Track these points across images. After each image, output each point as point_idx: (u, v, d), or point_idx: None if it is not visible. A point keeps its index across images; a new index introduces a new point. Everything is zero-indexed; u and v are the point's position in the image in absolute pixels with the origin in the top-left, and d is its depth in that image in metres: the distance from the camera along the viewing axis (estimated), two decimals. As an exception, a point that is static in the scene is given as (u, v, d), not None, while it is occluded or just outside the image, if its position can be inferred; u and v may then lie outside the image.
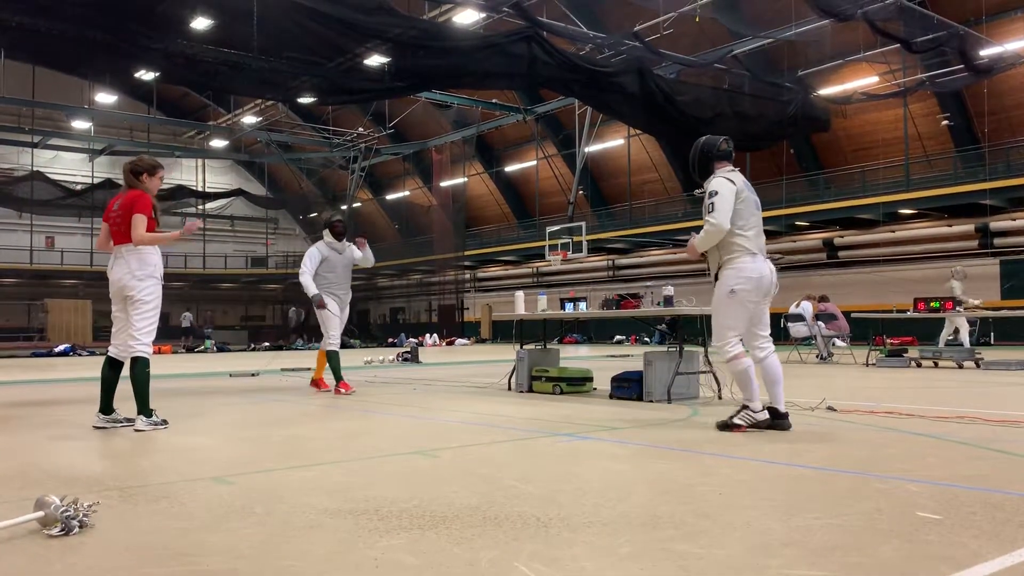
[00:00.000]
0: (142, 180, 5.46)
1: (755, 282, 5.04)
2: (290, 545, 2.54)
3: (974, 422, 5.39)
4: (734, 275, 5.05)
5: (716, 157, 5.25)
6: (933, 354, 12.65)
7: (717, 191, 5.05)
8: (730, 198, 5.04)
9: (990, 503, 3.00)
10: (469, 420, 6.07)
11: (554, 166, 35.30)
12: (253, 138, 38.29)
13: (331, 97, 17.24)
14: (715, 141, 5.29)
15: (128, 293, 5.30)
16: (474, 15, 19.95)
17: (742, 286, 5.02)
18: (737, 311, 5.06)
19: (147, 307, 5.31)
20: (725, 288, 5.06)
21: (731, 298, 5.04)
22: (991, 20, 22.19)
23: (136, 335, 5.29)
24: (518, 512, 2.92)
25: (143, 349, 5.31)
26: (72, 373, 13.20)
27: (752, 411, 5.06)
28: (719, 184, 5.10)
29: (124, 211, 5.32)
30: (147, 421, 5.31)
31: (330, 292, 8.28)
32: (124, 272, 5.31)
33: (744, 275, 5.03)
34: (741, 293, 5.03)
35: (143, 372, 5.29)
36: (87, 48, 9.96)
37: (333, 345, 8.31)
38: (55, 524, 2.65)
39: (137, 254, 5.31)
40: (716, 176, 5.18)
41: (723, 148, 5.26)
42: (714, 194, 5.05)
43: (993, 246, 23.68)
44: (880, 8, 16.12)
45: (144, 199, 5.33)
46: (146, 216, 5.27)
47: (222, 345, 29.61)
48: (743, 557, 2.36)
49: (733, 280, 5.04)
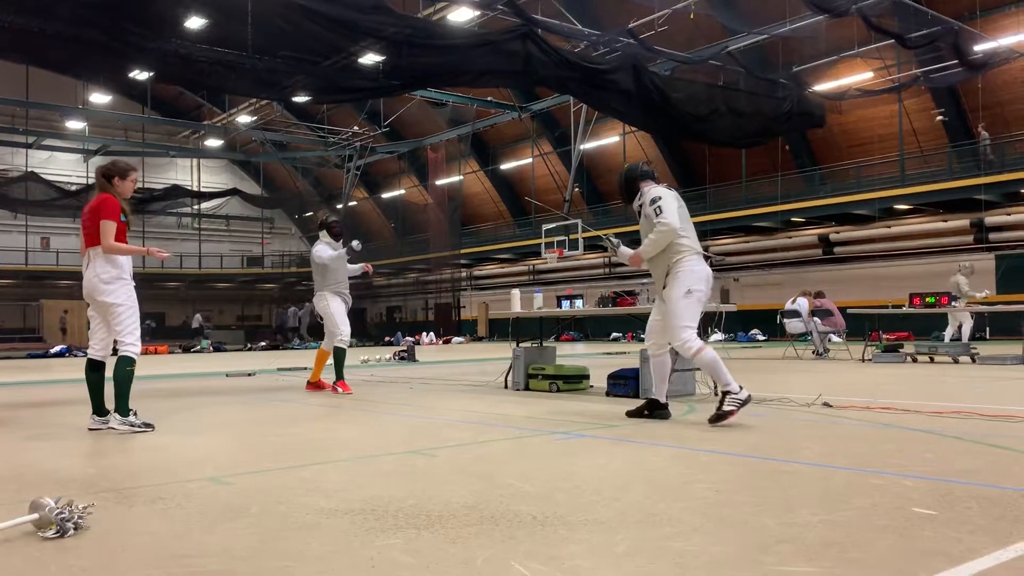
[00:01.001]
0: (113, 184, 5.43)
1: (707, 282, 5.32)
2: (287, 545, 2.54)
3: (970, 417, 5.40)
4: (689, 276, 5.25)
5: (640, 177, 5.57)
6: (929, 349, 12.68)
7: (660, 196, 5.31)
8: (673, 203, 5.30)
9: (985, 498, 3.01)
10: (466, 419, 6.07)
11: (550, 163, 35.31)
12: (248, 137, 38.25)
13: (326, 96, 17.24)
14: (637, 164, 5.74)
15: (97, 297, 5.31)
16: (469, 13, 19.94)
17: (698, 286, 5.25)
18: (695, 309, 5.28)
19: (121, 308, 5.30)
20: (682, 289, 5.23)
21: (688, 298, 5.23)
22: (985, 15, 22.22)
23: (120, 337, 5.32)
24: (514, 511, 2.92)
25: (128, 349, 5.31)
26: (68, 374, 13.18)
27: (733, 393, 5.18)
28: (659, 191, 5.38)
29: (91, 215, 5.32)
30: (121, 420, 5.28)
31: (337, 292, 8.19)
32: (92, 275, 5.32)
33: (698, 275, 5.27)
34: (697, 293, 5.25)
35: (124, 370, 5.29)
36: (81, 48, 9.93)
37: (343, 342, 8.12)
38: (50, 526, 2.64)
39: (103, 257, 5.31)
40: (652, 188, 5.45)
41: (644, 169, 5.63)
42: (658, 199, 5.30)
43: (988, 241, 23.74)
44: (875, 3, 16.15)
45: (110, 203, 5.31)
46: (114, 221, 5.26)
47: (218, 345, 29.58)
48: (739, 553, 2.37)
49: (689, 280, 5.24)
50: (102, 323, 5.43)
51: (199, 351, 27.29)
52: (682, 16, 19.54)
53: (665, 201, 5.26)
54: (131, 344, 5.32)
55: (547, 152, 35.16)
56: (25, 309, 38.02)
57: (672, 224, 5.19)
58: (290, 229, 50.29)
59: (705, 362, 5.23)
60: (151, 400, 7.78)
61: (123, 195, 5.49)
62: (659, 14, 19.60)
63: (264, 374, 12.33)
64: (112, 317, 5.32)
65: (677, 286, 5.24)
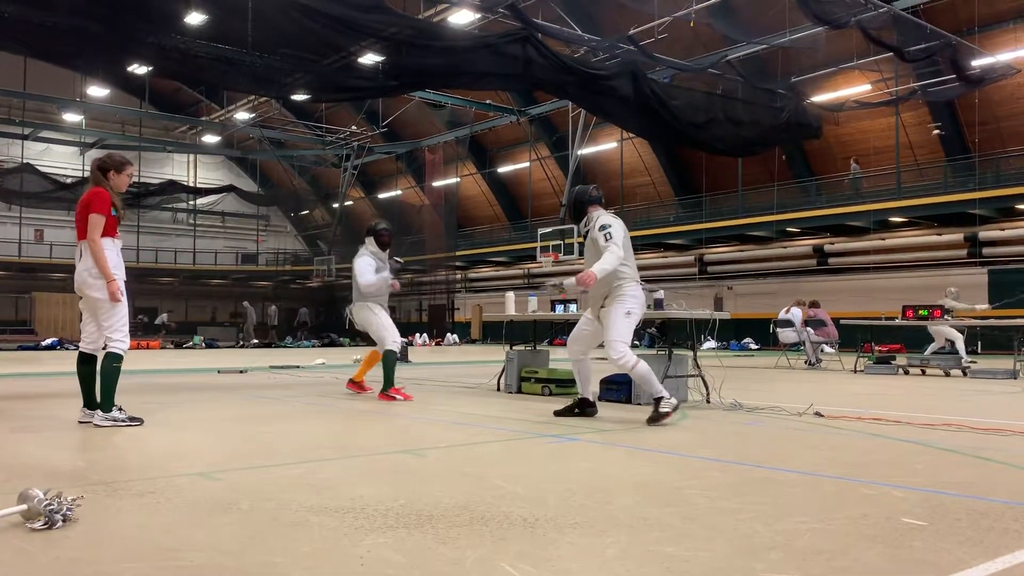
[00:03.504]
0: (108, 177, 5.36)
1: (642, 306, 5.95)
2: (275, 542, 2.53)
3: (960, 429, 5.42)
4: (630, 299, 5.80)
5: (590, 201, 6.04)
6: (921, 361, 12.71)
7: (611, 224, 5.80)
8: (620, 232, 5.79)
9: (975, 510, 3.02)
10: (457, 420, 6.06)
11: (547, 168, 35.31)
12: (246, 134, 38.14)
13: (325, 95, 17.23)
14: (587, 188, 6.16)
15: (86, 291, 5.27)
16: (469, 15, 19.94)
17: (636, 309, 5.83)
18: (630, 327, 5.86)
19: (107, 303, 5.22)
20: (623, 310, 5.78)
21: (627, 318, 5.78)
22: (983, 30, 22.32)
23: (108, 333, 5.25)
24: (505, 512, 2.92)
25: (115, 345, 5.24)
26: (59, 367, 13.12)
27: (667, 398, 5.70)
28: (611, 219, 5.88)
29: (82, 208, 5.27)
30: (104, 416, 5.22)
31: (378, 302, 7.76)
32: (82, 269, 5.27)
33: (638, 300, 5.87)
34: (634, 315, 5.83)
35: (110, 366, 5.22)
36: (79, 40, 9.89)
37: (396, 344, 7.65)
38: (38, 518, 2.63)
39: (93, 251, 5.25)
40: (601, 214, 5.93)
41: (594, 194, 6.09)
42: (608, 226, 5.77)
43: (982, 255, 23.82)
44: (874, 16, 16.20)
45: (101, 196, 5.24)
46: (104, 215, 5.19)
47: (211, 341, 29.52)
48: (729, 559, 2.37)
49: (630, 303, 5.80)
50: (92, 317, 5.38)
51: (191, 347, 27.22)
52: (682, 24, 19.54)
53: (615, 229, 5.77)
54: (119, 340, 5.25)
55: (544, 156, 35.17)
56: (17, 301, 37.87)
57: (620, 252, 5.68)
58: (285, 227, 50.17)
59: (639, 373, 5.74)
60: (142, 395, 7.75)
61: (117, 189, 5.43)
62: (659, 21, 19.60)
63: (256, 371, 12.30)
64: (100, 312, 5.26)
65: (618, 307, 5.77)
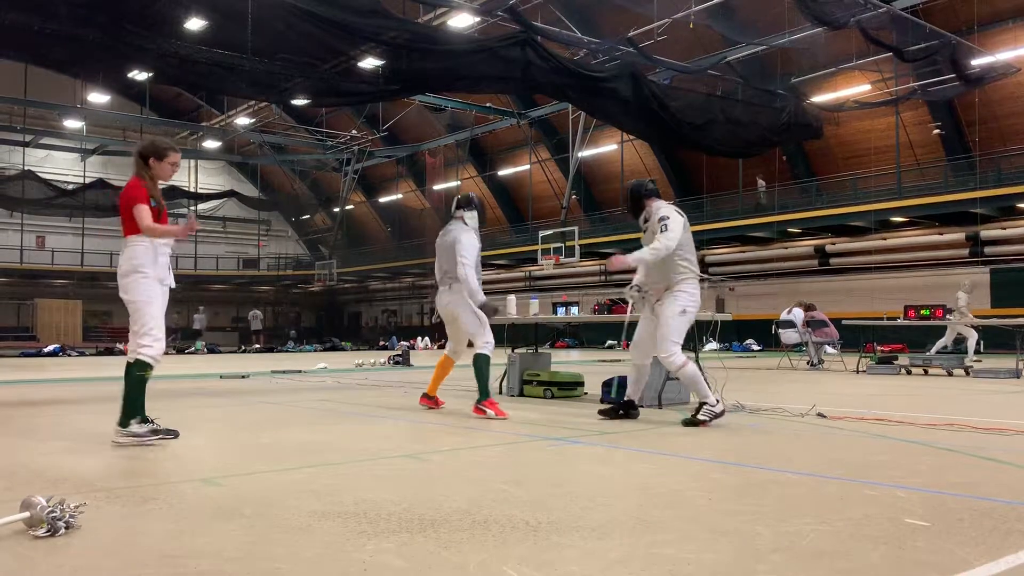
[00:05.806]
0: (149, 165, 4.90)
1: (698, 303, 5.75)
2: (278, 548, 2.53)
3: (963, 429, 5.41)
4: (687, 297, 5.63)
5: (647, 195, 5.88)
6: (923, 361, 12.69)
7: (669, 216, 5.61)
8: (679, 226, 5.60)
9: (978, 510, 3.01)
10: (459, 423, 6.06)
11: (547, 170, 35.32)
12: (246, 139, 38.21)
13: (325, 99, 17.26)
14: (644, 182, 6.02)
15: (120, 293, 4.89)
16: (468, 19, 19.97)
17: (692, 307, 5.66)
18: (684, 327, 5.65)
19: (134, 305, 4.81)
20: (678, 307, 5.59)
21: (682, 316, 5.59)
22: (983, 30, 22.30)
23: (137, 338, 4.80)
24: (507, 516, 2.92)
25: (144, 351, 4.77)
26: (61, 374, 13.13)
27: (711, 406, 5.54)
28: (670, 211, 5.68)
29: (122, 204, 4.88)
30: (123, 432, 4.74)
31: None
32: (119, 268, 4.93)
33: (694, 298, 5.68)
34: (691, 313, 5.65)
35: (132, 375, 4.78)
36: (80, 47, 9.92)
37: (487, 348, 6.44)
38: (41, 525, 2.63)
39: (126, 248, 4.87)
40: (662, 206, 5.73)
41: (650, 187, 5.95)
42: (666, 219, 5.58)
43: (983, 255, 23.79)
44: (873, 17, 16.21)
45: (137, 188, 4.82)
46: (143, 203, 4.73)
47: (212, 346, 29.50)
48: (732, 562, 2.37)
49: (686, 301, 5.62)
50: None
51: (193, 352, 27.21)
52: (681, 26, 19.55)
53: (673, 221, 5.57)
54: (145, 346, 4.77)
55: (545, 159, 35.17)
56: (19, 308, 37.91)
57: (671, 246, 5.50)
58: (286, 232, 50.19)
59: (687, 375, 5.58)
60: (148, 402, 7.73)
61: (160, 178, 4.94)
62: (659, 23, 19.62)
63: (258, 376, 12.30)
64: (130, 314, 4.85)
65: (675, 304, 5.57)
